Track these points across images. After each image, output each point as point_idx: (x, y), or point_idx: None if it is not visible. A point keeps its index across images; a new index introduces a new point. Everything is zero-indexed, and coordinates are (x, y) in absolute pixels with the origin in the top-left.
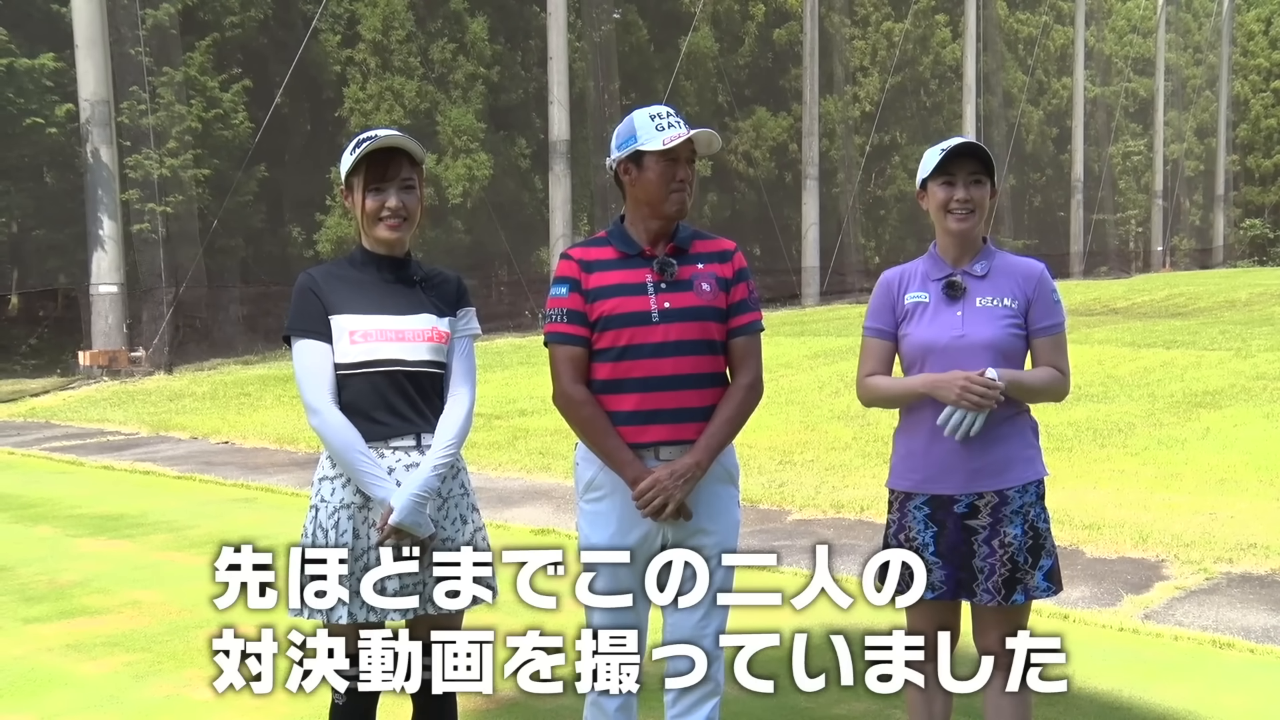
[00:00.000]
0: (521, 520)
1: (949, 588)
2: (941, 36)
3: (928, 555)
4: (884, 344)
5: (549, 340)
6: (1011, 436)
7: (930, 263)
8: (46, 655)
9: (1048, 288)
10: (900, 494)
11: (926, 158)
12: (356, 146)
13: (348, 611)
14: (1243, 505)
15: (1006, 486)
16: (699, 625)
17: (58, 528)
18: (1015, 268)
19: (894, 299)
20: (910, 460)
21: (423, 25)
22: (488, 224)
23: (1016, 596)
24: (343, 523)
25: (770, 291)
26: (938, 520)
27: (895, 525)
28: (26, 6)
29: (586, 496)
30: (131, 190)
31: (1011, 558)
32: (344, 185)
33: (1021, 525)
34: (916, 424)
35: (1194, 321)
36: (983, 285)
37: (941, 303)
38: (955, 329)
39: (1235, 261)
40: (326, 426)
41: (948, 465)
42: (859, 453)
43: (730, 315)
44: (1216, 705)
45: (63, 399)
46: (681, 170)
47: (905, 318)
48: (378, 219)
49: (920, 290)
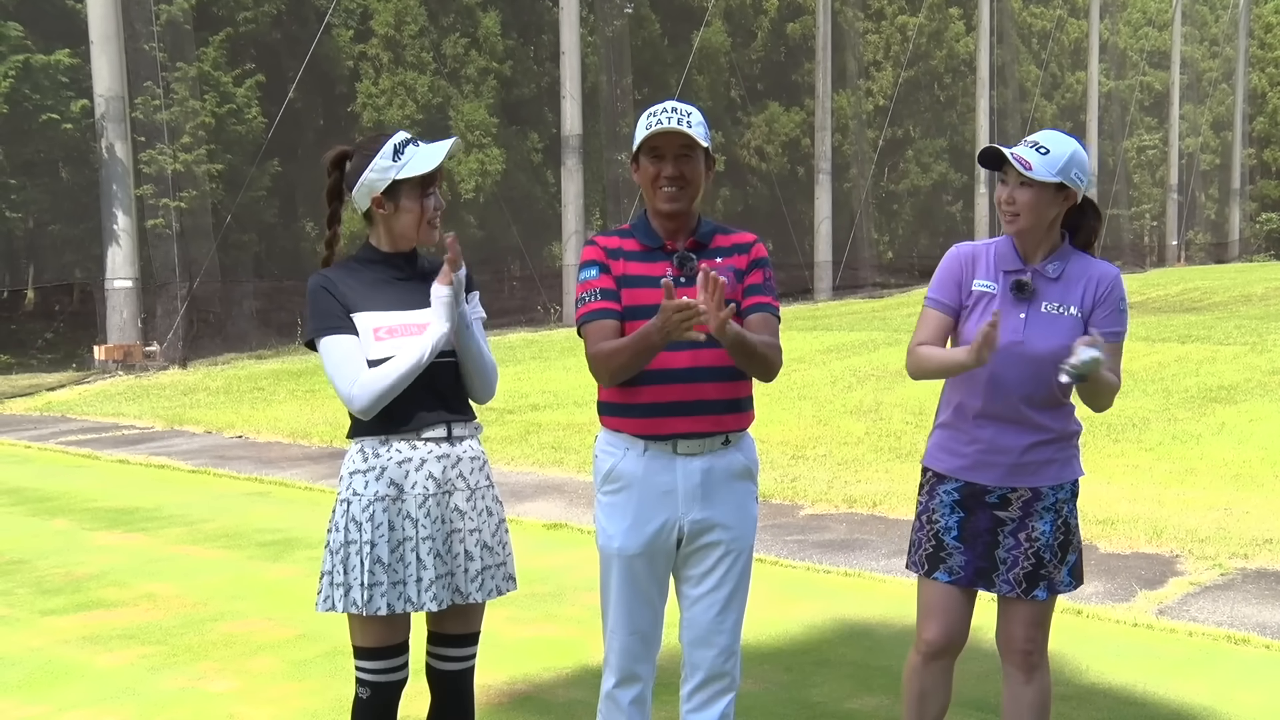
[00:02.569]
0: (534, 515)
1: (967, 574)
2: (955, 30)
3: (949, 540)
4: (942, 318)
5: (585, 319)
6: (1058, 440)
7: (1004, 250)
8: (63, 647)
9: (1117, 294)
10: (933, 474)
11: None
12: (398, 152)
13: (386, 603)
14: (1258, 501)
15: (1042, 484)
16: (715, 620)
17: (74, 521)
18: (1089, 271)
19: (962, 276)
20: (952, 444)
21: (435, 20)
22: (500, 219)
23: (1038, 592)
24: (377, 515)
25: (783, 286)
26: (966, 506)
27: (922, 506)
28: (42, 3)
29: (605, 488)
30: (146, 185)
31: (1037, 553)
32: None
33: (1052, 522)
34: (962, 407)
35: (1209, 316)
36: (1052, 289)
37: (1008, 301)
38: (1016, 333)
39: (1251, 256)
40: (371, 381)
41: (990, 458)
42: (871, 447)
43: (743, 298)
44: (1232, 701)
45: (78, 393)
46: (668, 167)
47: (970, 305)
48: (429, 223)
49: (989, 280)
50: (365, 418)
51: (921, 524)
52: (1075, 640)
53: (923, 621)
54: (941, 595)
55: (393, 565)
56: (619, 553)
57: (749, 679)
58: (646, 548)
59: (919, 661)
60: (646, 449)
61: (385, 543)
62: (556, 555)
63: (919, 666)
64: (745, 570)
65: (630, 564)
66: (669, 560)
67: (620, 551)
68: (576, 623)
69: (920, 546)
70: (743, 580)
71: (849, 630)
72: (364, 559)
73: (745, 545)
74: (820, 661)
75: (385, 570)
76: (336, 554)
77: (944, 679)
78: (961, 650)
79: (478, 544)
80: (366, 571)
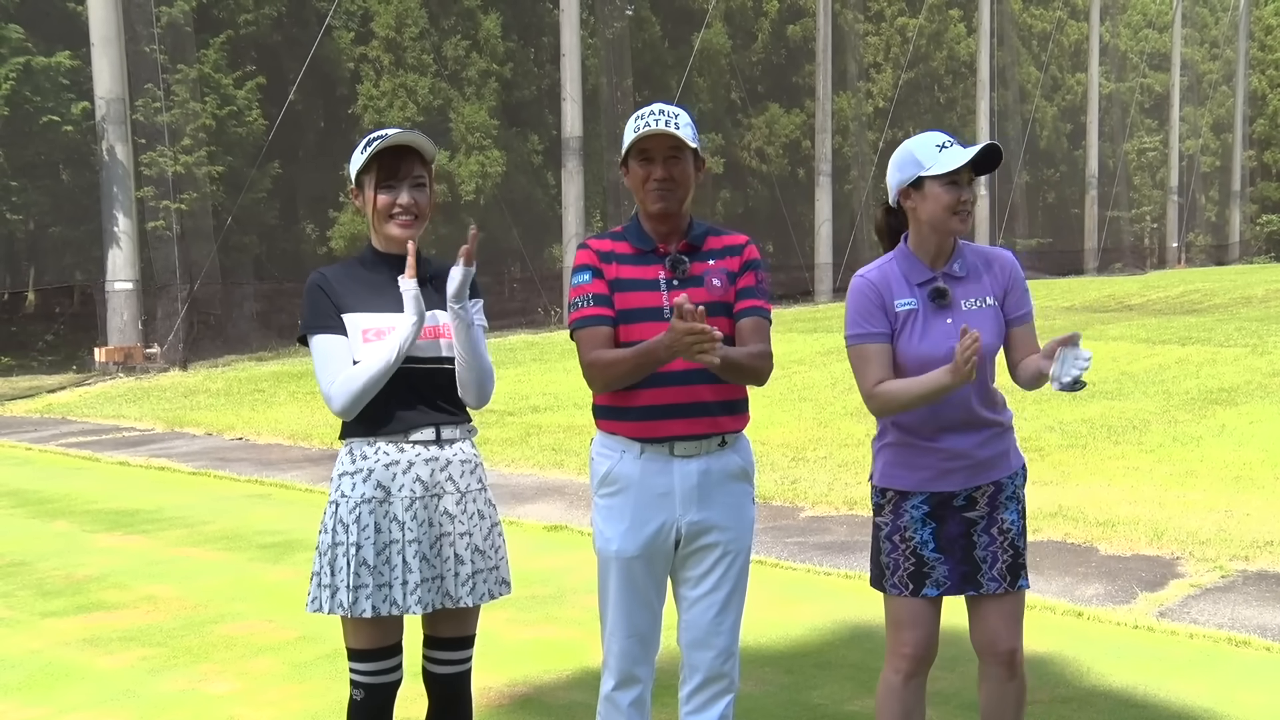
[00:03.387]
0: (534, 517)
1: (953, 582)
2: (955, 31)
3: (928, 553)
4: (884, 348)
5: (578, 325)
6: (1004, 430)
7: (907, 263)
8: (63, 649)
9: (1019, 275)
10: (894, 493)
11: (920, 154)
12: (367, 145)
13: (371, 605)
14: (1259, 502)
15: (1001, 476)
16: (714, 622)
17: (74, 523)
18: (988, 260)
19: (884, 302)
20: (908, 459)
21: (436, 22)
22: (501, 220)
23: (1022, 581)
24: (364, 517)
25: (783, 288)
26: (936, 516)
27: (889, 526)
28: (43, 5)
29: (602, 491)
30: (146, 187)
31: (1012, 542)
32: (354, 185)
33: (1016, 510)
34: (910, 422)
35: (1209, 318)
36: (965, 286)
37: (929, 311)
38: (950, 339)
39: (1251, 258)
40: (347, 380)
41: (950, 465)
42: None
43: (735, 302)
44: (1232, 703)
45: (79, 395)
46: (658, 169)
47: (898, 328)
48: (389, 216)
49: (908, 297)
50: (345, 418)
51: (894, 544)
52: (1076, 642)
53: (899, 637)
54: (919, 609)
55: (378, 568)
56: (617, 555)
57: (750, 681)
58: (644, 550)
59: (898, 681)
60: (643, 451)
61: (371, 545)
62: (556, 557)
63: (898, 686)
64: (743, 571)
65: (629, 566)
66: (667, 562)
67: (618, 554)
68: (576, 624)
69: (898, 567)
70: (740, 581)
71: (850, 632)
72: (350, 561)
73: (743, 546)
74: (821, 664)
75: (371, 572)
76: (324, 555)
77: (921, 695)
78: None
79: (468, 547)
80: (352, 574)
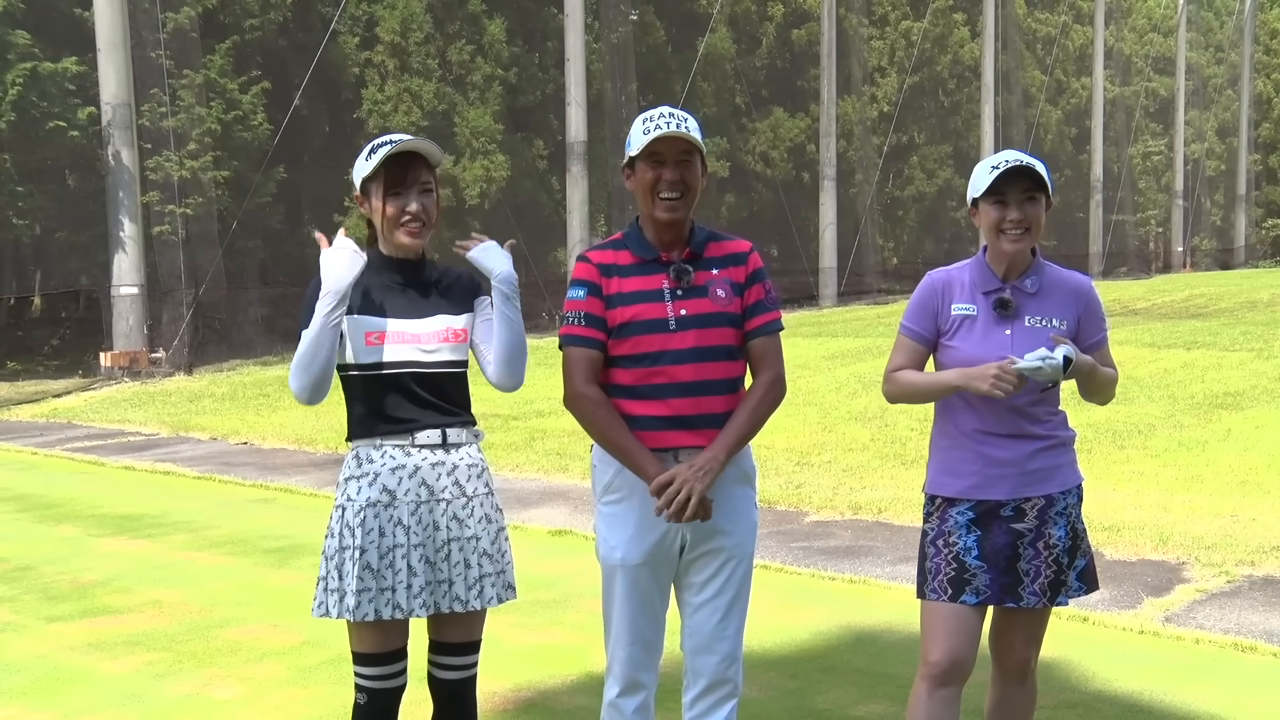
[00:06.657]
0: (539, 521)
1: (994, 592)
2: (960, 36)
3: (971, 560)
4: (917, 347)
5: (565, 342)
6: (1056, 447)
7: (979, 272)
8: (68, 654)
9: (1096, 302)
10: (942, 500)
11: (977, 175)
12: (373, 152)
13: (374, 609)
14: (1264, 507)
15: (1053, 490)
16: (717, 627)
17: (80, 527)
18: (1064, 284)
19: (938, 305)
20: (955, 466)
21: (441, 27)
22: (505, 225)
23: (1061, 598)
24: (369, 520)
25: (787, 292)
26: (982, 524)
27: (934, 532)
28: (49, 11)
29: (605, 498)
30: (152, 192)
31: (1056, 559)
32: (358, 191)
33: (1065, 527)
34: (957, 429)
35: (1215, 322)
36: (1033, 303)
37: (991, 319)
38: (1003, 349)
39: (1257, 262)
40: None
41: (997, 473)
42: (877, 454)
43: (747, 317)
44: (1239, 709)
45: (84, 400)
46: (668, 172)
47: (951, 329)
48: (399, 224)
49: (968, 302)
50: (301, 401)
51: (938, 549)
52: (1081, 647)
53: (930, 644)
54: (955, 617)
55: (381, 571)
56: (622, 563)
57: (754, 686)
58: (649, 557)
59: (924, 691)
60: None
61: (375, 549)
62: (561, 562)
63: (924, 696)
64: (746, 576)
65: (634, 574)
66: (671, 568)
67: (623, 562)
68: (581, 629)
69: (940, 572)
70: (744, 586)
71: (854, 637)
72: (354, 565)
73: (746, 552)
74: (825, 668)
75: (374, 576)
76: (331, 560)
77: (953, 710)
78: (969, 676)
79: (475, 551)
80: (355, 577)
